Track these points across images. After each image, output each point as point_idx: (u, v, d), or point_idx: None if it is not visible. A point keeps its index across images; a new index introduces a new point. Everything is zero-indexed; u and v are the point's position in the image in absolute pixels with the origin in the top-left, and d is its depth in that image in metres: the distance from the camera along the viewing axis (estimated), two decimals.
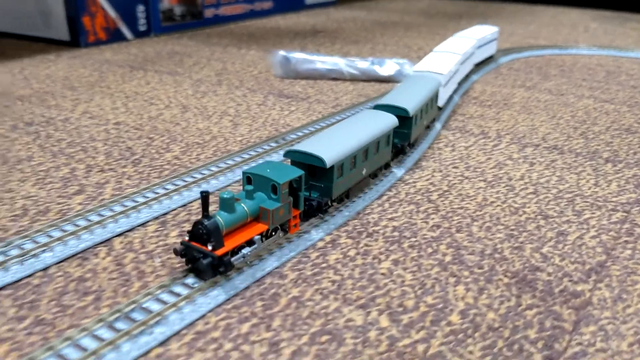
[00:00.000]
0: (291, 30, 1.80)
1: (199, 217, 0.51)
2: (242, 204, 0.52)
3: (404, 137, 0.76)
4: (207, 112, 0.98)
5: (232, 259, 0.50)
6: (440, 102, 0.95)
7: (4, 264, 0.52)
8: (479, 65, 1.34)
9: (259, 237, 0.53)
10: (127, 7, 1.54)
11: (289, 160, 0.61)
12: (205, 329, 0.46)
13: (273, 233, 0.55)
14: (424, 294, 0.51)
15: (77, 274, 0.53)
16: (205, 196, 0.49)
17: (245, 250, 0.51)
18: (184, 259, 0.51)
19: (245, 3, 1.91)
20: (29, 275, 0.52)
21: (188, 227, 0.61)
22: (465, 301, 0.51)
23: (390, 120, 0.70)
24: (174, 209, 0.65)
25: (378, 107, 0.75)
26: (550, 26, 2.04)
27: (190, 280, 0.50)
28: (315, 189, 0.61)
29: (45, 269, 0.53)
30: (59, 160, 0.77)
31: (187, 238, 0.50)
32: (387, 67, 1.19)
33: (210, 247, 0.48)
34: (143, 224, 0.61)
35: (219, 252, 0.48)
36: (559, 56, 1.54)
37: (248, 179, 0.55)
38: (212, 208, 0.54)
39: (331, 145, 0.61)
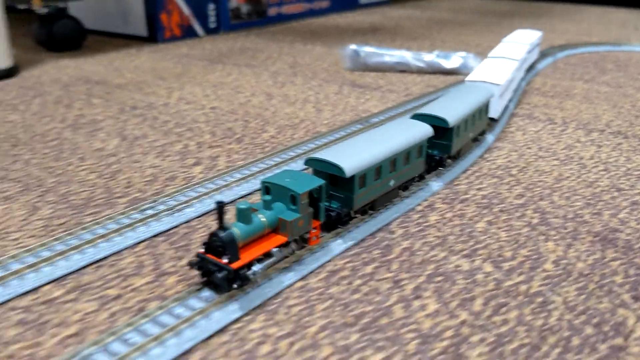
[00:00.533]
0: (350, 27, 1.89)
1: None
2: (260, 215, 0.50)
3: (444, 148, 0.72)
4: (289, 100, 1.07)
5: (249, 273, 0.48)
6: (495, 114, 0.89)
7: (155, 216, 0.61)
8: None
9: (277, 249, 0.50)
10: (200, 5, 1.64)
11: (311, 169, 0.59)
12: (335, 269, 0.55)
13: (293, 245, 0.53)
14: (519, 247, 0.59)
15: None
16: (221, 206, 0.47)
17: (260, 265, 0.49)
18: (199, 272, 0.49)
19: (305, 2, 2.00)
20: (177, 226, 0.61)
21: None
22: (556, 254, 0.58)
23: (423, 130, 0.66)
24: None
25: (416, 116, 0.71)
26: (601, 25, 2.09)
27: (206, 294, 0.49)
28: (336, 199, 0.59)
29: (188, 221, 0.62)
30: (171, 138, 0.87)
31: (202, 250, 0.48)
32: (452, 60, 1.26)
33: (225, 260, 0.47)
34: (259, 190, 0.70)
35: (235, 265, 0.47)
36: (613, 52, 1.59)
37: (266, 188, 0.53)
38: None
39: (354, 154, 0.58)
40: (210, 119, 0.95)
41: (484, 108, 0.82)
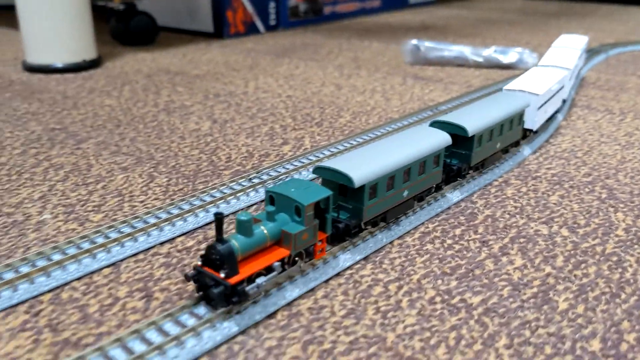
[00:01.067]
0: (402, 25, 1.95)
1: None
2: (262, 227, 0.47)
3: (463, 158, 0.69)
4: (358, 90, 1.14)
5: (247, 288, 0.45)
6: (533, 125, 0.82)
7: (262, 183, 0.69)
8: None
9: (278, 263, 0.48)
10: (262, 3, 1.72)
11: (320, 178, 0.56)
12: (426, 231, 0.62)
13: (296, 259, 0.50)
14: (591, 217, 0.65)
15: None
16: (219, 218, 0.44)
17: (262, 279, 0.46)
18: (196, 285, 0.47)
19: (357, 1, 2.07)
20: None
21: None
22: (626, 222, 0.64)
23: (441, 139, 0.63)
24: None
25: (435, 123, 0.68)
26: None
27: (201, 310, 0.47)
28: (345, 210, 0.56)
29: None
30: (257, 121, 0.95)
31: (199, 262, 0.46)
32: (510, 56, 1.32)
33: (222, 275, 0.44)
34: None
35: (233, 280, 0.44)
36: None
37: (271, 198, 0.50)
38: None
39: (365, 163, 0.55)
40: (288, 106, 1.03)
41: (517, 118, 0.76)
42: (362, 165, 0.55)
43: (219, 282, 0.44)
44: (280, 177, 0.71)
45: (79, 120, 0.94)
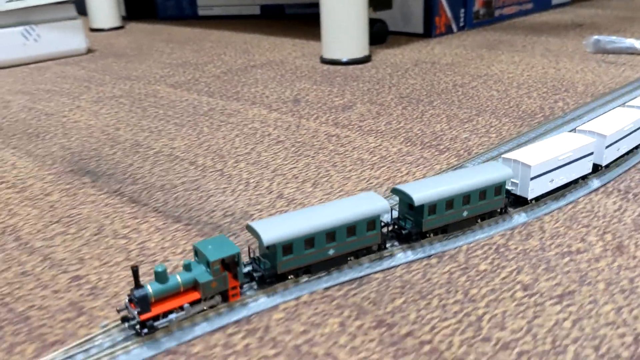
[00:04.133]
0: (558, 23, 2.43)
1: None
2: (177, 275, 0.59)
3: (415, 224, 0.74)
4: (573, 70, 1.64)
5: (157, 323, 0.57)
6: (528, 194, 0.81)
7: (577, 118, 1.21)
8: None
9: (188, 305, 0.59)
10: (455, 9, 2.24)
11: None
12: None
13: (212, 302, 0.61)
14: None
15: None
16: (135, 270, 0.56)
17: (173, 315, 0.58)
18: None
19: (516, 5, 2.56)
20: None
21: None
22: None
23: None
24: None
25: (394, 190, 0.74)
26: None
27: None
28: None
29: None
30: (523, 90, 1.46)
31: (127, 299, 0.58)
32: None
33: (136, 312, 0.56)
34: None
35: (143, 316, 0.56)
36: None
37: (195, 251, 0.62)
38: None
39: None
40: (535, 82, 1.54)
41: (493, 187, 0.77)
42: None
43: (135, 317, 0.57)
44: (583, 115, 1.22)
45: (410, 92, 1.48)
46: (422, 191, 0.72)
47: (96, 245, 0.80)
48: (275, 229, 0.63)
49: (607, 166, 0.93)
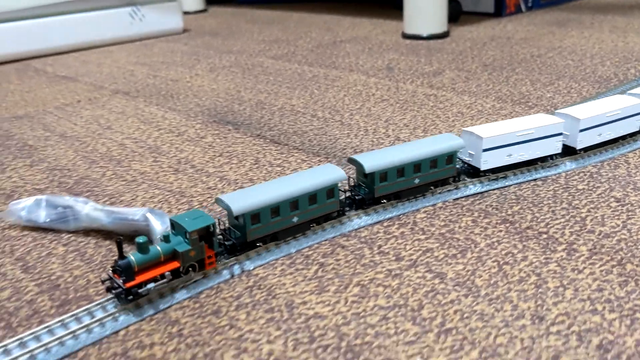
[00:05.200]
0: (623, 4, 2.54)
1: None
2: (157, 246, 0.62)
3: (368, 190, 0.78)
4: (633, 42, 1.77)
5: (140, 290, 0.60)
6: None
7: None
8: None
9: (169, 273, 0.62)
10: None
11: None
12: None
13: (190, 269, 0.64)
14: None
15: None
16: (119, 242, 0.59)
17: (153, 284, 0.61)
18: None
19: None
20: None
21: None
22: None
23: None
24: None
25: (350, 160, 0.79)
26: None
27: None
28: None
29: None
30: (596, 60, 1.60)
31: (111, 271, 0.61)
32: None
33: (120, 281, 0.59)
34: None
35: (128, 284, 0.59)
36: None
37: (172, 224, 0.65)
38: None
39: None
40: (606, 53, 1.68)
41: (444, 157, 0.81)
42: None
43: (120, 285, 0.59)
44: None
45: (492, 61, 1.64)
46: (374, 160, 0.77)
47: (258, 171, 0.99)
48: (243, 200, 0.67)
49: None
